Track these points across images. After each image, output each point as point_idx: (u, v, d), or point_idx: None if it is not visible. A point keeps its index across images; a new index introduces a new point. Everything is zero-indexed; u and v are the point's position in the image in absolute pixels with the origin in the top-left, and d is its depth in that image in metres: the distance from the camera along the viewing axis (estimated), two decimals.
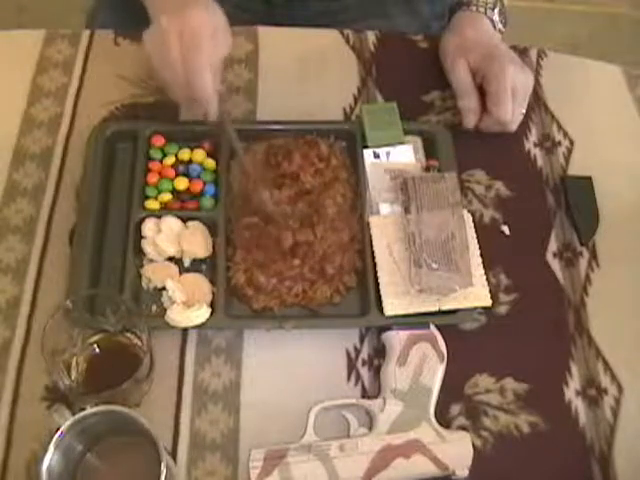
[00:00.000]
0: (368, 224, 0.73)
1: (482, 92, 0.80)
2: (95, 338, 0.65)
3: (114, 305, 0.64)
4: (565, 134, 0.84)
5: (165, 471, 0.52)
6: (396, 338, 0.67)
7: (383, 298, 0.69)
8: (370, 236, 0.72)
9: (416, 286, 0.68)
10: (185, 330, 0.69)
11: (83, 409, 0.55)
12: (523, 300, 0.73)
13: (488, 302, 0.70)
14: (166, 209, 0.74)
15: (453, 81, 0.82)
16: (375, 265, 0.71)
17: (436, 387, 0.65)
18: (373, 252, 0.72)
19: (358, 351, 0.70)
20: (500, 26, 0.87)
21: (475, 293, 0.70)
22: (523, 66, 0.81)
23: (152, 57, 0.70)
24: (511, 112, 0.78)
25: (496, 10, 0.86)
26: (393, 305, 0.68)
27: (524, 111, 0.81)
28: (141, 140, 0.77)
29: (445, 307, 0.69)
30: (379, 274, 0.70)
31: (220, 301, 0.68)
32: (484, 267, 0.71)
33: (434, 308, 0.69)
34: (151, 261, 0.72)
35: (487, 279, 0.71)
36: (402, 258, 0.70)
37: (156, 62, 0.70)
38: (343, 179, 0.76)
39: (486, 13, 0.85)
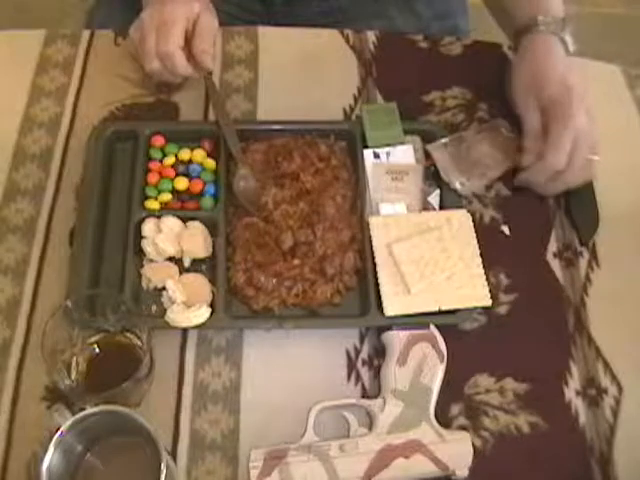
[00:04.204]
0: (368, 224, 0.73)
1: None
2: (95, 338, 0.65)
3: (114, 305, 0.64)
4: None
5: (165, 471, 0.52)
6: (396, 338, 0.67)
7: (383, 298, 0.69)
8: (370, 236, 0.72)
9: None
10: (185, 330, 0.69)
11: (83, 409, 0.55)
12: (523, 300, 0.73)
13: (488, 302, 0.70)
14: (166, 209, 0.74)
15: (523, 120, 0.78)
16: (375, 265, 0.71)
17: (436, 387, 0.65)
18: (373, 252, 0.72)
19: (358, 351, 0.70)
20: (571, 46, 0.79)
21: (475, 293, 0.70)
22: (592, 116, 0.75)
23: (135, 47, 0.79)
24: (565, 162, 0.73)
25: (567, 29, 0.79)
26: (393, 305, 0.68)
27: (595, 158, 0.75)
28: (141, 140, 0.77)
29: (445, 307, 0.69)
30: (379, 274, 0.70)
31: (220, 301, 0.68)
32: (484, 267, 0.71)
33: (434, 308, 0.69)
34: (151, 261, 0.72)
35: (487, 279, 0.71)
36: (402, 259, 0.70)
37: (138, 51, 0.78)
38: (343, 179, 0.76)
39: (557, 33, 0.78)
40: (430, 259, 0.70)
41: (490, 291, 0.70)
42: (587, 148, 0.74)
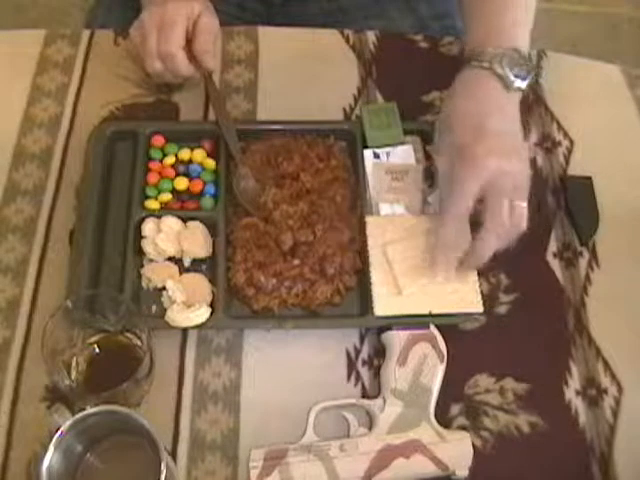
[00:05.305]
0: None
1: None
2: (95, 338, 0.65)
3: (114, 305, 0.64)
4: (565, 134, 0.84)
5: (165, 471, 0.52)
6: (396, 338, 0.67)
7: (374, 299, 0.69)
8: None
9: None
10: (185, 330, 0.69)
11: (83, 409, 0.55)
12: (523, 300, 0.73)
13: (480, 308, 0.69)
14: (166, 209, 0.74)
15: (436, 163, 0.72)
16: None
17: (436, 387, 0.65)
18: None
19: (358, 351, 0.70)
20: (517, 82, 0.70)
21: (467, 298, 0.69)
22: (512, 156, 0.67)
23: (136, 47, 0.78)
24: (464, 209, 0.66)
25: (505, 62, 0.70)
26: (383, 306, 0.68)
27: (523, 204, 0.67)
28: (141, 140, 0.77)
29: (436, 311, 0.68)
30: (371, 274, 0.70)
31: (220, 301, 0.68)
32: (484, 267, 0.71)
33: (425, 311, 0.68)
34: (151, 261, 0.72)
35: (487, 279, 0.71)
36: (395, 260, 0.70)
37: (139, 51, 0.78)
38: (343, 179, 0.76)
39: (492, 68, 0.70)
40: (424, 262, 0.70)
41: (489, 292, 0.70)
42: (508, 193, 0.66)
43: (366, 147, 0.78)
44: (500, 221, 0.66)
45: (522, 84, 0.71)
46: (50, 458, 0.53)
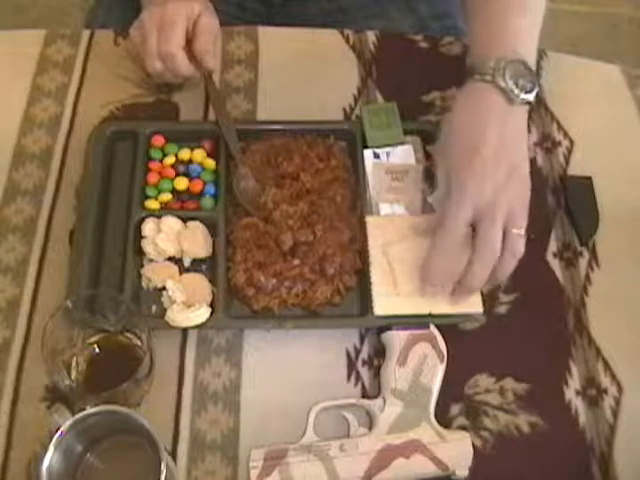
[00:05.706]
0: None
1: None
2: (95, 338, 0.65)
3: (114, 305, 0.64)
4: (565, 134, 0.84)
5: (165, 471, 0.52)
6: (396, 338, 0.67)
7: (374, 298, 0.69)
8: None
9: None
10: (185, 330, 0.69)
11: (83, 409, 0.55)
12: (523, 300, 0.73)
13: (480, 309, 0.69)
14: (166, 209, 0.74)
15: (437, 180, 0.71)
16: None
17: (436, 387, 0.65)
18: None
19: (358, 351, 0.70)
20: (522, 95, 0.67)
21: (467, 299, 0.69)
22: (507, 182, 0.65)
23: (136, 47, 0.79)
24: (454, 234, 0.66)
25: (508, 74, 0.67)
26: (383, 306, 0.68)
27: (520, 232, 0.66)
28: (141, 140, 0.77)
29: (436, 311, 0.68)
30: (371, 273, 0.70)
31: (220, 301, 0.68)
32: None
33: (424, 311, 0.68)
34: (151, 261, 0.72)
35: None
36: (396, 260, 0.70)
37: (139, 51, 0.78)
38: (343, 179, 0.76)
39: (495, 81, 0.67)
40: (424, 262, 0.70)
41: (487, 294, 0.70)
42: (501, 221, 0.65)
43: (366, 147, 0.78)
44: (488, 251, 0.65)
45: (528, 97, 0.68)
46: (50, 458, 0.53)
